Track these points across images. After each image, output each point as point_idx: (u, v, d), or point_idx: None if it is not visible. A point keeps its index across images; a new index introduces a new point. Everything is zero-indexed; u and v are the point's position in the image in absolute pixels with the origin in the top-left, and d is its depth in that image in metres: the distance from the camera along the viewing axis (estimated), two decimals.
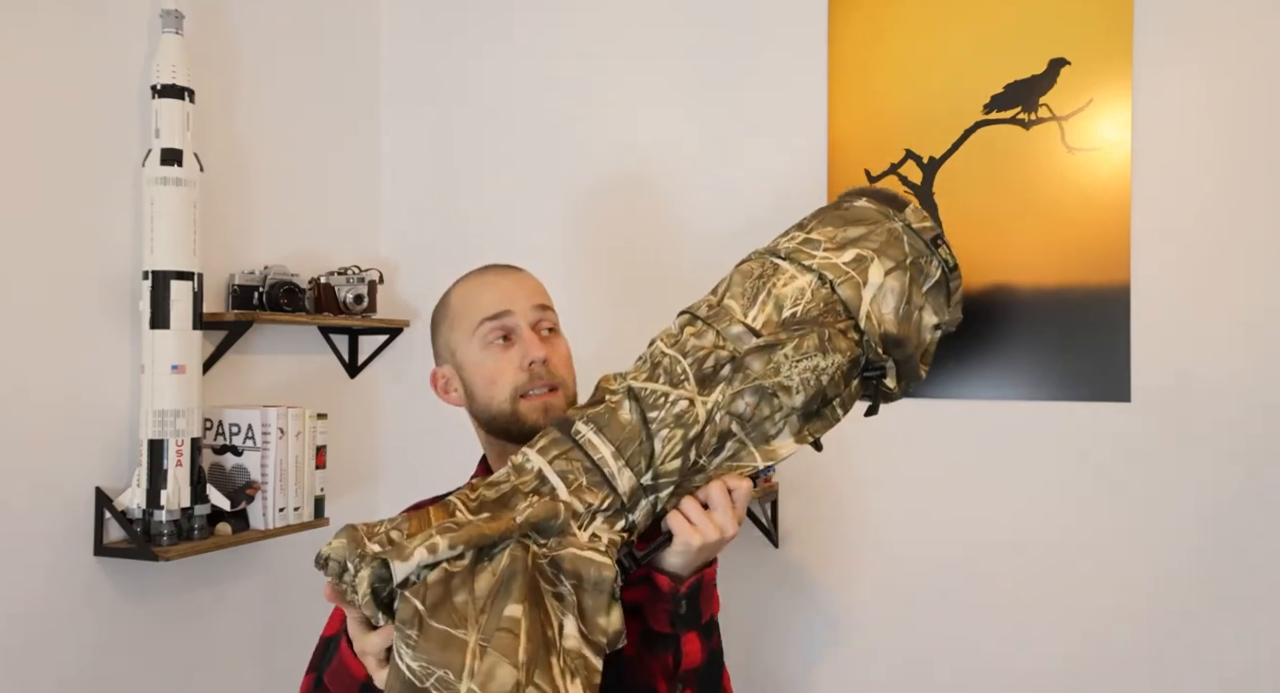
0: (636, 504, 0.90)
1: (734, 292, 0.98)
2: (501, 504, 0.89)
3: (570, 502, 0.88)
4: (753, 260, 1.02)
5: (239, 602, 1.87)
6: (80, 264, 1.58)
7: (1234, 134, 1.62)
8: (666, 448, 0.90)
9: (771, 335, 0.92)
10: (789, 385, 0.91)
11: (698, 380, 0.92)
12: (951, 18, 1.78)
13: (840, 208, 1.03)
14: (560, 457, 0.91)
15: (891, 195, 1.02)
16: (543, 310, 1.12)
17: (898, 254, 0.97)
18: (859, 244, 0.97)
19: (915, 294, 0.97)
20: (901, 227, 0.99)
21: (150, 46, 1.68)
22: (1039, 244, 1.72)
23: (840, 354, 0.93)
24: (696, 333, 0.96)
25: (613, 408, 0.93)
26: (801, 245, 0.99)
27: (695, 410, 0.91)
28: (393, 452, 2.23)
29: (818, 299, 0.95)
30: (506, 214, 2.13)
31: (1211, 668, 1.62)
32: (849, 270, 0.95)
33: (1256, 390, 1.60)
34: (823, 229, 1.00)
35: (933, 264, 0.99)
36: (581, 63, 2.07)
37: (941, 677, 1.78)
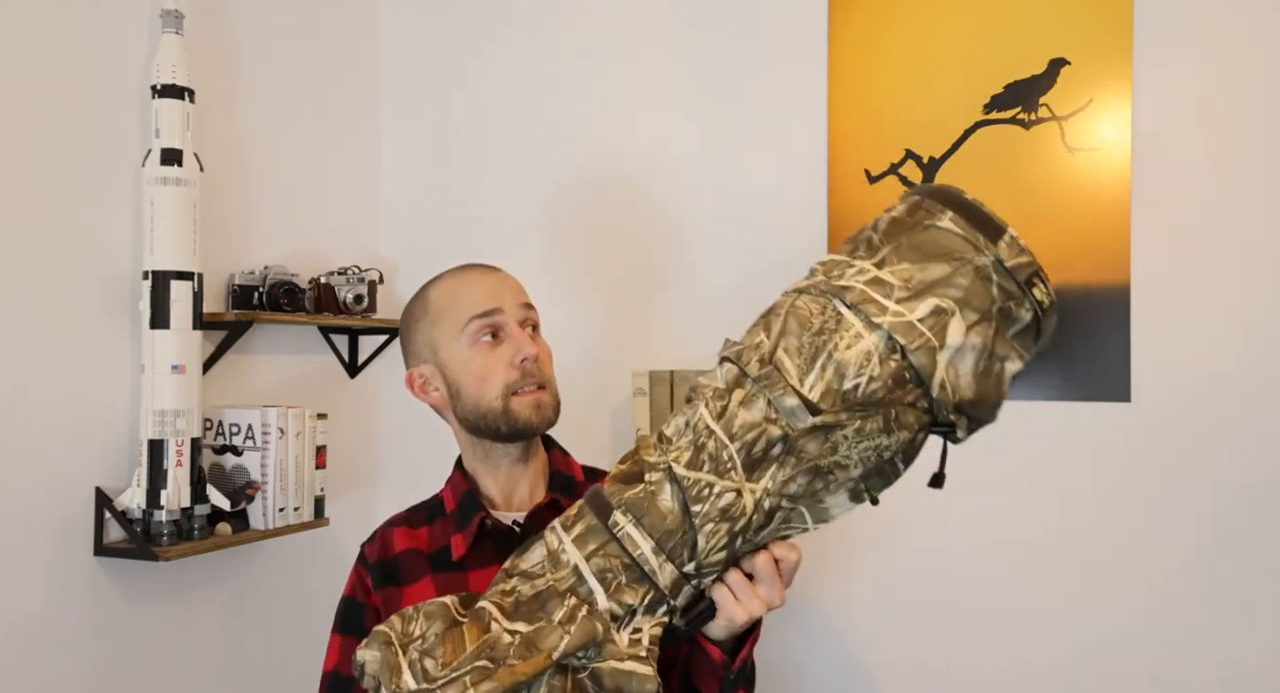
0: (679, 592, 0.86)
1: (789, 343, 0.85)
2: (538, 606, 0.85)
3: (609, 608, 0.84)
4: (812, 297, 0.87)
5: (239, 602, 1.87)
6: (80, 264, 1.58)
7: (1234, 134, 1.62)
8: (711, 542, 0.84)
9: (832, 415, 0.81)
10: (846, 464, 0.83)
11: (745, 467, 0.83)
12: (951, 18, 1.78)
13: (921, 227, 0.86)
14: (598, 553, 0.86)
15: (984, 216, 0.84)
16: (528, 309, 1.12)
17: (983, 303, 0.81)
18: (938, 291, 0.82)
19: (999, 345, 0.83)
20: (992, 263, 0.82)
21: (150, 46, 1.68)
22: (1039, 244, 1.70)
23: (907, 430, 0.83)
24: (745, 401, 0.84)
25: (652, 493, 0.86)
26: (870, 288, 0.83)
27: (743, 502, 0.83)
28: (393, 452, 2.23)
29: (885, 373, 0.81)
30: (507, 214, 2.13)
31: (1212, 667, 1.62)
32: (924, 331, 0.81)
33: (1256, 390, 1.60)
34: (898, 265, 0.84)
35: (1024, 307, 0.83)
36: (581, 63, 2.07)
37: (940, 676, 1.78)
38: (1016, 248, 0.83)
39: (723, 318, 1.93)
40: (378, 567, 1.11)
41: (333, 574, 2.06)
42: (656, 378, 1.80)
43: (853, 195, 1.84)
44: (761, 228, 1.91)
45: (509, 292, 1.12)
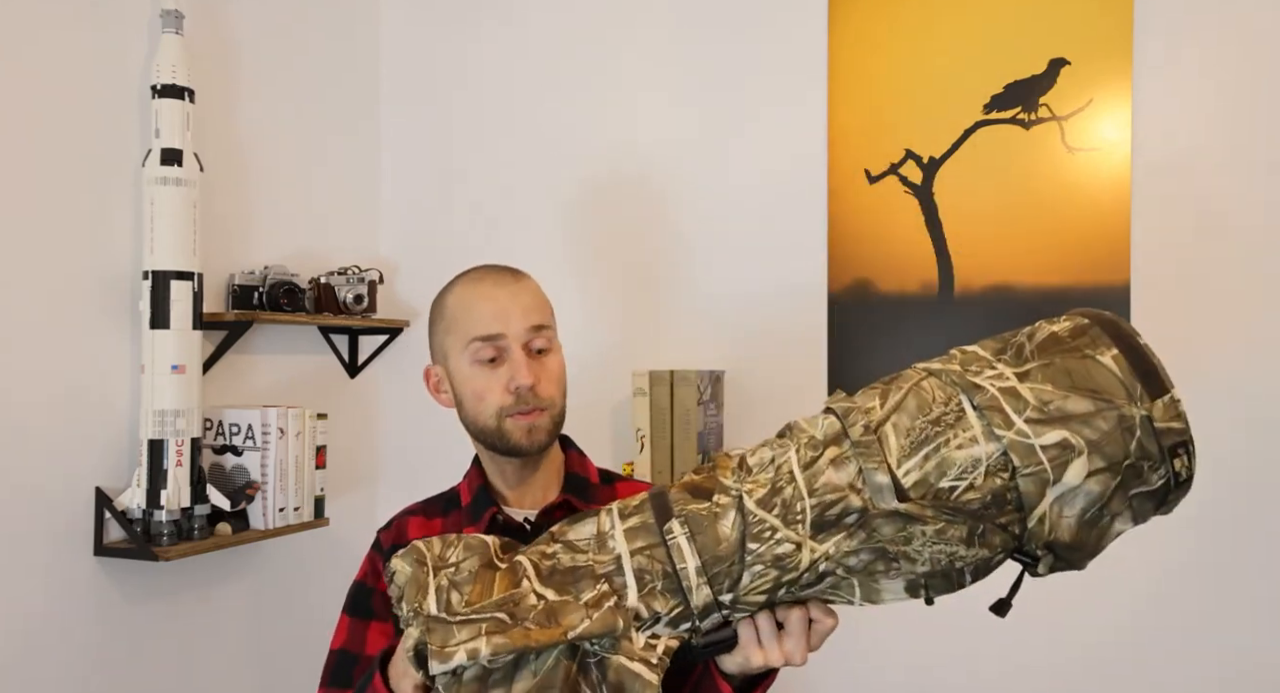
0: (708, 616, 0.85)
1: (900, 421, 0.81)
2: (572, 579, 0.86)
3: (636, 607, 0.84)
4: (940, 382, 0.83)
5: (239, 602, 1.87)
6: (80, 264, 1.58)
7: (1234, 134, 1.62)
8: (755, 583, 0.83)
9: (918, 507, 0.78)
10: (915, 558, 0.80)
11: (814, 525, 0.81)
12: (951, 18, 1.78)
13: (1079, 353, 0.81)
14: (644, 552, 0.85)
15: (1151, 368, 0.80)
16: (536, 330, 1.10)
17: (1116, 453, 0.77)
18: (1073, 426, 0.77)
19: (1116, 501, 0.78)
20: (1140, 419, 0.77)
21: (150, 46, 1.68)
22: (1039, 244, 1.72)
23: (989, 550, 0.79)
24: (836, 461, 0.82)
25: (716, 515, 0.84)
26: (1004, 395, 0.79)
27: (799, 557, 0.82)
28: (393, 452, 2.23)
29: (988, 487, 0.78)
30: (507, 214, 2.13)
31: (1211, 667, 1.62)
32: (1043, 460, 0.77)
33: (1256, 390, 1.60)
34: (1041, 385, 0.79)
35: (1157, 472, 0.78)
36: (580, 64, 2.07)
37: (938, 676, 1.77)
38: (1174, 411, 0.79)
39: (723, 318, 1.94)
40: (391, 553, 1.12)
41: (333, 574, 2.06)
42: (656, 378, 1.80)
43: (853, 195, 1.84)
44: (762, 228, 1.91)
45: (518, 312, 1.10)
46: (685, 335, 1.96)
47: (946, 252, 1.78)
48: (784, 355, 1.89)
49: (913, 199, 1.80)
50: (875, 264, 1.82)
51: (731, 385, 1.91)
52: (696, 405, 1.79)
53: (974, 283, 1.76)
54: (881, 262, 1.82)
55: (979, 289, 1.75)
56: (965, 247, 1.77)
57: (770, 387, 1.89)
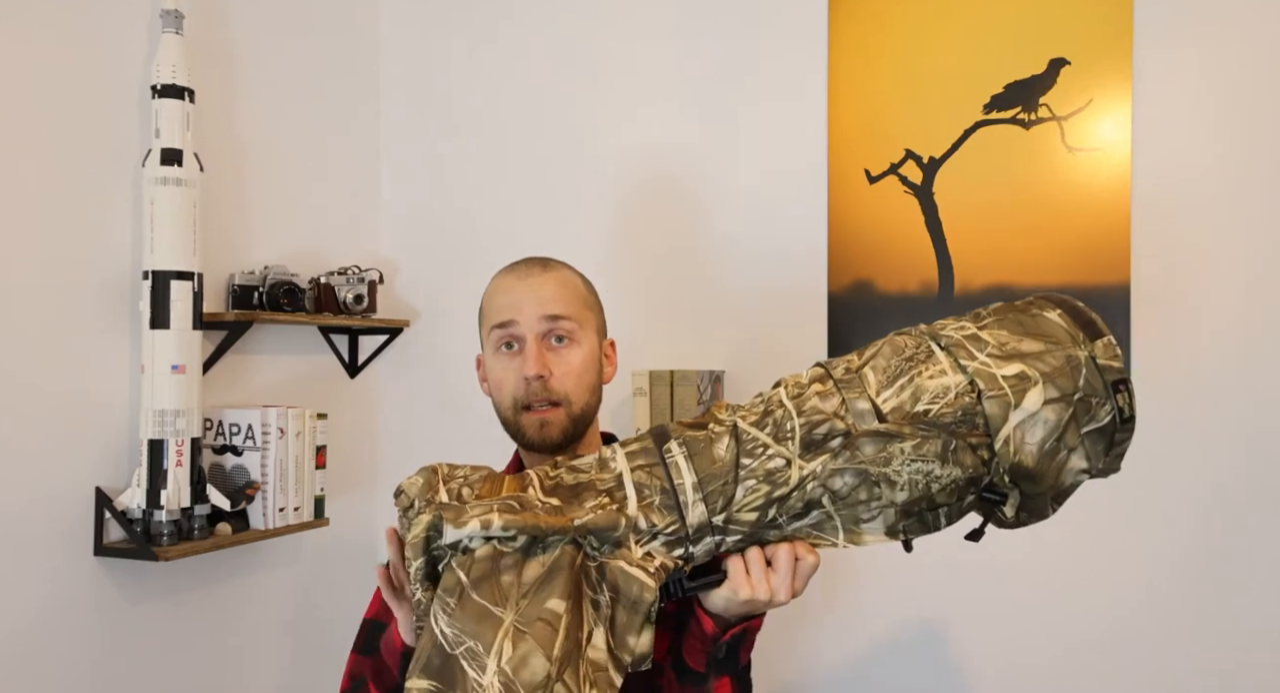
0: (700, 539, 0.89)
1: (878, 363, 0.92)
2: (573, 493, 0.90)
3: (635, 516, 0.88)
4: (910, 336, 0.95)
5: (239, 602, 1.87)
6: (80, 264, 1.58)
7: (1234, 134, 1.62)
8: (747, 498, 0.88)
9: (896, 425, 0.87)
10: (895, 481, 0.87)
11: (803, 444, 0.89)
12: (952, 17, 1.78)
13: (1027, 312, 0.93)
14: (644, 468, 0.91)
15: (1089, 319, 0.92)
16: (553, 320, 1.08)
17: (1067, 385, 0.87)
18: (1028, 361, 0.88)
19: (1070, 433, 0.87)
20: (1085, 357, 0.88)
21: (150, 46, 1.68)
22: (1039, 244, 1.72)
23: (961, 469, 0.87)
24: (822, 394, 0.91)
25: (712, 438, 0.91)
26: (967, 340, 0.91)
27: (789, 472, 0.88)
28: (393, 452, 2.23)
29: (958, 405, 0.87)
30: (507, 213, 2.13)
31: (1211, 662, 1.62)
32: (1004, 387, 0.87)
33: (1256, 390, 1.60)
34: (997, 331, 0.91)
35: (1104, 408, 0.88)
36: (580, 63, 2.07)
37: (937, 673, 1.78)
38: (1112, 352, 0.89)
39: (723, 318, 1.94)
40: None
41: (333, 574, 2.06)
42: (656, 378, 1.80)
43: (853, 195, 1.84)
44: (762, 228, 1.91)
45: (533, 301, 1.09)
46: (685, 335, 1.96)
47: (946, 252, 1.78)
48: (784, 355, 1.88)
49: (913, 199, 1.80)
50: (875, 264, 1.82)
51: (731, 385, 1.91)
52: (696, 405, 1.79)
53: (974, 283, 1.76)
54: (881, 262, 1.82)
55: (979, 289, 1.75)
56: (965, 247, 1.77)
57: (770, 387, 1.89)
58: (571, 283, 1.14)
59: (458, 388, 2.15)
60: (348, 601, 2.08)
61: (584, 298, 1.15)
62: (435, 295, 2.20)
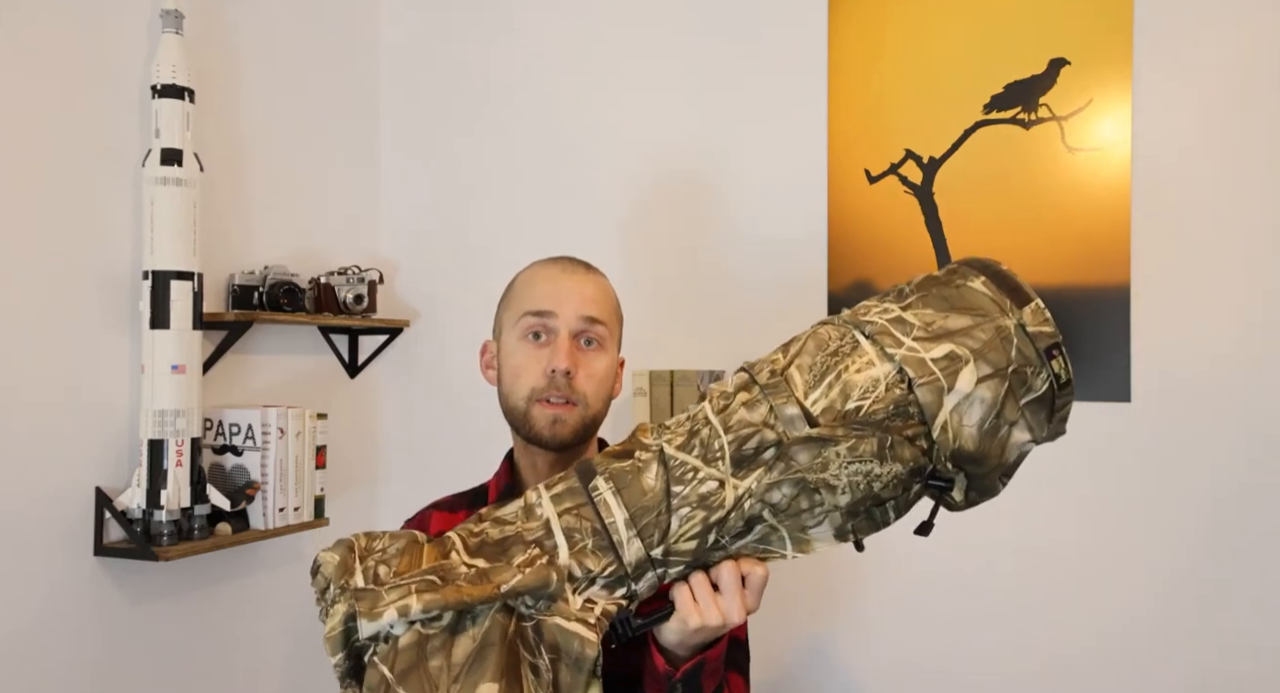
0: (642, 576, 0.84)
1: (803, 361, 0.87)
2: (501, 549, 0.84)
3: (568, 565, 0.82)
4: (834, 326, 0.90)
5: (239, 602, 1.87)
6: (80, 264, 1.58)
7: (1234, 134, 1.62)
8: (684, 528, 0.83)
9: (828, 429, 0.82)
10: (835, 485, 0.82)
11: (734, 461, 0.83)
12: (951, 18, 1.78)
13: (951, 284, 0.89)
14: (572, 511, 0.85)
15: (1015, 284, 0.88)
16: (590, 322, 1.07)
17: (999, 359, 0.83)
18: (957, 339, 0.84)
19: (1009, 408, 0.84)
20: (1014, 326, 0.84)
21: (150, 46, 1.68)
22: (1039, 244, 1.72)
23: (901, 463, 0.83)
24: (748, 403, 0.86)
25: (639, 468, 0.86)
26: (891, 324, 0.86)
27: (723, 494, 0.83)
28: (393, 452, 2.23)
29: (889, 398, 0.83)
30: (507, 213, 2.13)
31: (1212, 666, 1.62)
32: (935, 371, 0.83)
33: (1256, 390, 1.60)
34: (922, 310, 0.87)
35: (1040, 376, 0.84)
36: (580, 64, 2.07)
37: (936, 676, 1.78)
38: (1041, 317, 0.85)
39: (722, 317, 1.94)
40: None
41: None
42: (656, 378, 1.80)
43: (853, 195, 1.84)
44: (762, 227, 1.91)
45: (576, 298, 1.07)
46: (685, 335, 1.96)
47: (946, 252, 1.78)
48: None
49: (913, 199, 1.80)
50: (875, 264, 1.82)
51: None
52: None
53: None
54: (881, 262, 1.82)
55: None
56: (965, 247, 1.77)
57: None
58: (610, 292, 1.14)
59: (458, 388, 2.15)
60: None
61: (616, 310, 1.14)
62: (435, 295, 2.20)
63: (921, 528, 0.90)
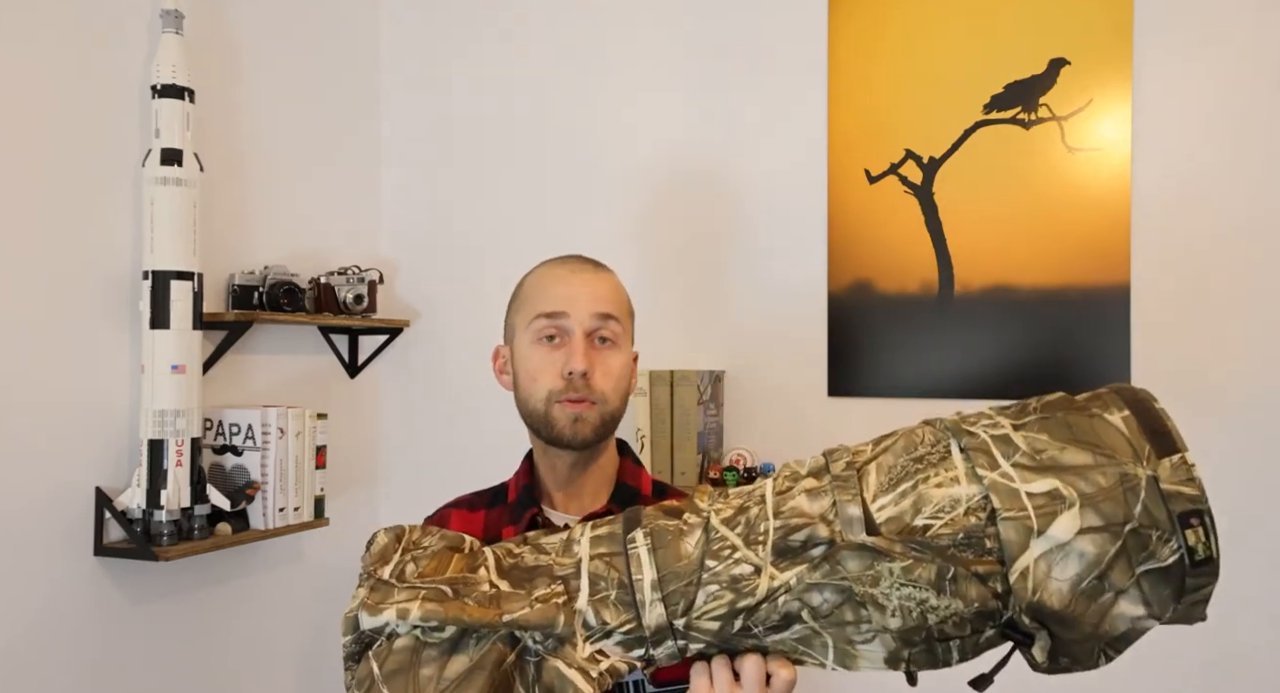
0: (661, 642, 0.80)
1: (884, 460, 0.79)
2: (528, 577, 0.83)
3: (584, 611, 0.80)
4: (933, 428, 0.81)
5: (239, 602, 1.87)
6: (80, 264, 1.58)
7: (1234, 134, 1.62)
8: (708, 605, 0.78)
9: (885, 541, 0.74)
10: (884, 605, 0.74)
11: (776, 550, 0.77)
12: (951, 18, 1.78)
13: (1086, 412, 0.76)
14: (605, 558, 0.82)
15: (1162, 428, 0.74)
16: (603, 319, 1.07)
17: (1114, 512, 0.71)
18: (1066, 477, 0.72)
19: (1118, 572, 0.71)
20: (1146, 478, 0.71)
21: (150, 46, 1.68)
22: (1039, 244, 1.72)
23: (963, 601, 0.73)
24: (812, 492, 0.79)
25: (682, 532, 0.82)
26: (995, 442, 0.75)
27: (757, 582, 0.77)
28: (393, 452, 2.23)
29: (960, 524, 0.73)
30: (507, 214, 2.13)
31: (1211, 666, 1.62)
32: (1027, 507, 0.71)
33: (1256, 390, 1.60)
34: (1037, 434, 0.75)
35: (1168, 545, 0.71)
36: (580, 63, 2.07)
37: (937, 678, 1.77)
38: (1185, 474, 0.71)
39: (723, 318, 1.94)
40: None
41: (333, 575, 2.06)
42: (656, 378, 1.80)
43: (853, 195, 1.84)
44: (762, 227, 1.91)
45: (587, 297, 1.07)
46: (685, 335, 1.96)
47: (946, 252, 1.78)
48: (784, 355, 1.89)
49: (913, 199, 1.80)
50: (875, 264, 1.82)
51: (731, 385, 1.91)
52: (696, 405, 1.79)
53: (974, 283, 1.76)
54: (881, 262, 1.82)
55: (979, 289, 1.75)
56: (965, 247, 1.77)
57: (770, 387, 1.89)
58: (620, 288, 1.14)
59: (458, 388, 2.15)
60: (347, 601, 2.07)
61: (627, 306, 1.14)
62: (435, 295, 2.20)
63: (978, 681, 0.81)
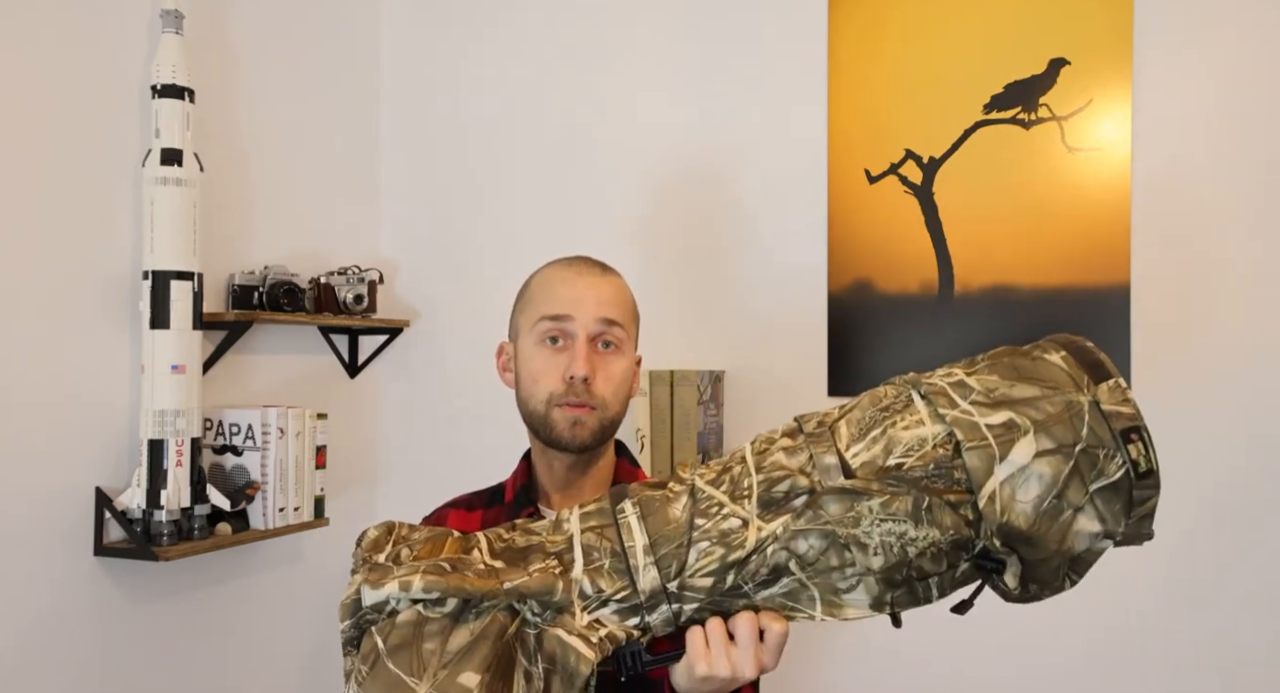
0: (656, 607, 0.83)
1: (853, 415, 0.85)
2: (521, 556, 0.86)
3: (579, 580, 0.82)
4: (894, 384, 0.87)
5: (239, 602, 1.87)
6: (80, 264, 1.58)
7: (1234, 134, 1.62)
8: (700, 563, 0.82)
9: (863, 481, 0.79)
10: (866, 544, 0.79)
11: (761, 502, 0.82)
12: (951, 18, 1.78)
13: (1027, 356, 0.84)
14: (595, 530, 0.85)
15: (1096, 360, 0.82)
16: (607, 324, 1.08)
17: (1065, 435, 0.77)
18: (1018, 408, 0.79)
19: (1074, 490, 0.77)
20: (1088, 403, 0.79)
21: (150, 46, 1.68)
22: (1039, 244, 1.72)
23: (940, 530, 0.78)
24: (789, 449, 0.84)
25: (669, 498, 0.85)
26: (951, 386, 0.82)
27: (745, 534, 0.81)
28: (393, 452, 2.23)
29: (932, 456, 0.79)
30: (507, 213, 2.14)
31: (1211, 666, 1.62)
32: (988, 437, 0.78)
33: (1256, 391, 1.60)
34: (987, 376, 0.82)
35: (1114, 461, 0.78)
36: (580, 63, 2.07)
37: (937, 676, 1.77)
38: (1120, 395, 0.79)
39: (723, 318, 1.94)
40: None
41: (333, 575, 2.06)
42: (656, 378, 1.80)
43: (853, 195, 1.84)
44: (762, 227, 1.91)
45: (593, 301, 1.07)
46: (685, 335, 1.96)
47: (946, 252, 1.78)
48: (784, 355, 1.89)
49: (913, 199, 1.80)
50: (875, 264, 1.82)
51: (731, 385, 1.91)
52: (696, 405, 1.79)
53: (974, 283, 1.76)
54: (881, 262, 1.82)
55: (979, 289, 1.75)
56: (965, 247, 1.77)
57: (770, 387, 1.89)
58: (626, 292, 1.14)
59: (458, 388, 2.15)
60: None
61: (633, 310, 1.14)
62: (435, 295, 2.20)
63: (959, 606, 0.87)
